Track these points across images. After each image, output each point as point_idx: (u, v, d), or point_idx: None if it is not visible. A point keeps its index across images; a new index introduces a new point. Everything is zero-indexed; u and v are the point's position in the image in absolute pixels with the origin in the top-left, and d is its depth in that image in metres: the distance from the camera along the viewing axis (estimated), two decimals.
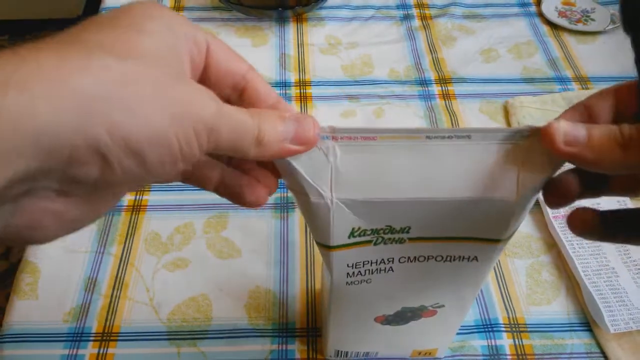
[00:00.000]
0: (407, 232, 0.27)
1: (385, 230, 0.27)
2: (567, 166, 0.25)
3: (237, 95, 0.25)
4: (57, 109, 0.16)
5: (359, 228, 0.26)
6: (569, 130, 0.23)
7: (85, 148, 0.17)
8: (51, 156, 0.17)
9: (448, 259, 0.29)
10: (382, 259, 0.29)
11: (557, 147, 0.23)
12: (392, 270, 0.30)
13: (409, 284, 0.31)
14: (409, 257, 0.29)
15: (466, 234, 0.27)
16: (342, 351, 0.41)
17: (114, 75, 0.18)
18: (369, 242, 0.27)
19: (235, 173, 0.26)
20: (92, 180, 0.19)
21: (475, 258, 0.29)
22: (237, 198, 0.26)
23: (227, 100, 0.25)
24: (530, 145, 0.24)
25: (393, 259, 0.29)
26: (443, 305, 0.34)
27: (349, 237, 0.27)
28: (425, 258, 0.29)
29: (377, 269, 0.30)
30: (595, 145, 0.23)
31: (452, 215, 0.26)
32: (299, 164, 0.25)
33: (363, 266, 0.29)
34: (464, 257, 0.29)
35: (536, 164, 0.24)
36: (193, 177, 0.26)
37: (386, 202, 0.25)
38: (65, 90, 0.17)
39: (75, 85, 0.17)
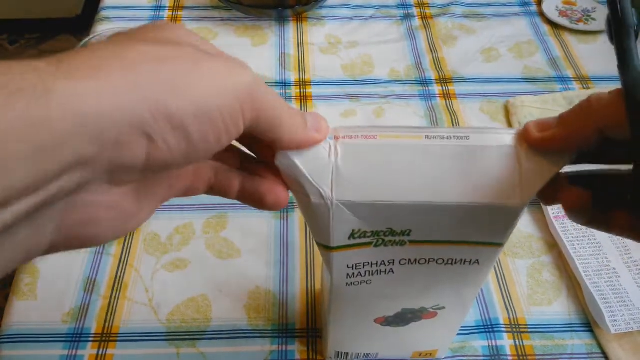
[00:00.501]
0: (408, 234, 0.27)
1: (386, 233, 0.27)
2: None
3: None
4: (100, 91, 0.17)
5: (359, 230, 0.26)
6: (540, 120, 0.25)
7: (130, 128, 0.18)
8: (98, 140, 0.17)
9: (449, 262, 0.29)
10: (383, 261, 0.29)
11: (532, 136, 0.24)
12: (393, 272, 0.30)
13: (410, 286, 0.31)
14: (409, 260, 0.29)
15: (468, 239, 0.27)
16: (342, 352, 0.41)
17: (150, 55, 0.19)
18: (370, 243, 0.27)
19: (253, 179, 0.26)
20: (140, 164, 0.19)
21: (477, 261, 0.29)
22: (259, 202, 0.26)
23: None
24: (529, 148, 0.24)
25: (393, 260, 0.29)
26: (444, 307, 0.34)
27: (349, 239, 0.27)
28: (426, 261, 0.29)
29: (377, 271, 0.29)
30: (566, 119, 0.24)
31: (454, 220, 0.26)
32: (302, 162, 0.24)
33: (363, 267, 0.29)
34: (465, 261, 0.29)
35: (536, 167, 0.24)
36: (217, 187, 0.26)
37: (386, 205, 0.25)
38: (105, 75, 0.17)
39: (114, 68, 0.18)
